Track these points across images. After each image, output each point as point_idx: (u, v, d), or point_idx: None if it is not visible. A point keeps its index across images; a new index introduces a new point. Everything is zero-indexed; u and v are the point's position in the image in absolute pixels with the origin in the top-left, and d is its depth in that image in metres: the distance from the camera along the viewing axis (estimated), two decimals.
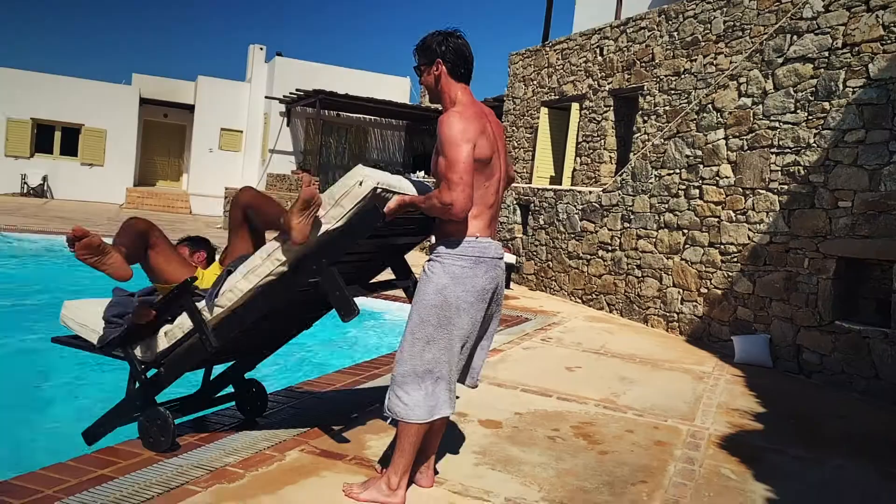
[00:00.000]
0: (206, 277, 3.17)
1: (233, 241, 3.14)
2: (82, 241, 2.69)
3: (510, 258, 9.81)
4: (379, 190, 2.67)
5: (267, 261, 2.81)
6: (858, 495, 3.30)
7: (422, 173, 16.10)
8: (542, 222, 9.75)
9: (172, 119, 22.56)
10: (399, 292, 3.42)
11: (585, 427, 3.88)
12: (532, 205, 10.05)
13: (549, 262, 9.52)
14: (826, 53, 5.83)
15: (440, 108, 2.73)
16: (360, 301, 2.85)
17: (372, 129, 21.24)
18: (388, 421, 2.70)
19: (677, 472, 3.32)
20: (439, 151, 2.50)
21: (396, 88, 21.35)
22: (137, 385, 3.10)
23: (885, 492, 3.38)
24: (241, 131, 21.88)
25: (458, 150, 2.43)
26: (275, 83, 20.20)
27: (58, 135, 20.36)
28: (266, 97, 20.79)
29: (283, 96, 19.63)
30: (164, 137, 22.78)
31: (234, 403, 3.65)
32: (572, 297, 8.99)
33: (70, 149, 20.50)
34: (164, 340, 3.08)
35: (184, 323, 3.01)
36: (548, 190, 9.79)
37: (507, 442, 3.52)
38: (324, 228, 2.71)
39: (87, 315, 3.29)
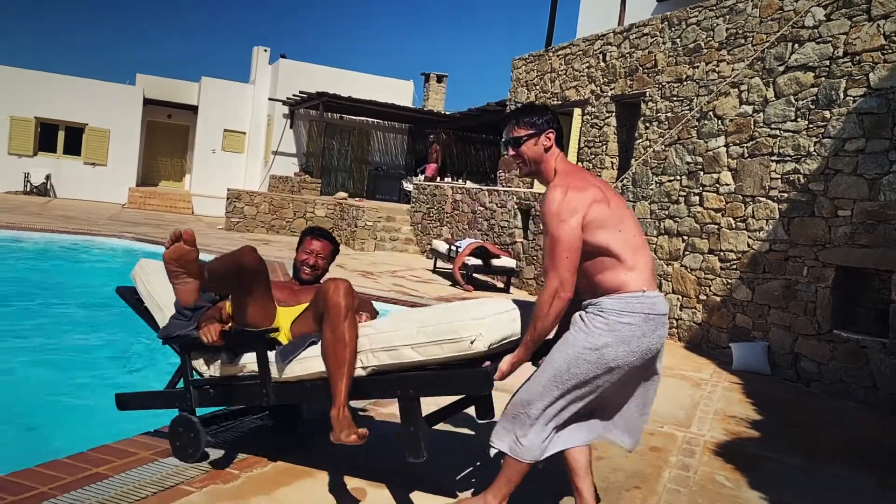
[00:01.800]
0: (282, 317, 3.00)
1: (247, 303, 2.85)
2: (180, 246, 2.59)
3: (510, 262, 9.82)
4: (487, 352, 2.45)
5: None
6: (852, 502, 3.30)
7: (422, 177, 16.12)
8: (542, 227, 9.74)
9: (176, 120, 22.59)
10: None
11: None
12: (533, 209, 10.05)
13: None
14: (827, 62, 5.84)
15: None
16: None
17: (375, 131, 21.26)
18: (494, 454, 2.52)
19: (672, 479, 3.32)
20: (544, 231, 2.39)
21: (400, 91, 21.37)
22: (183, 387, 3.00)
23: (881, 501, 3.38)
24: (245, 133, 21.90)
25: (563, 225, 2.30)
26: (278, 85, 20.23)
27: (61, 134, 20.39)
28: (269, 99, 20.82)
29: (287, 98, 19.67)
30: (168, 138, 22.81)
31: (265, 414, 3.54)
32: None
33: (73, 148, 20.53)
34: (223, 369, 2.95)
35: (248, 365, 2.87)
36: None
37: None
38: (414, 358, 2.50)
39: (160, 287, 3.19)
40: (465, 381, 2.50)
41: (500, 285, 10.27)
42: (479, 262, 9.55)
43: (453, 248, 10.17)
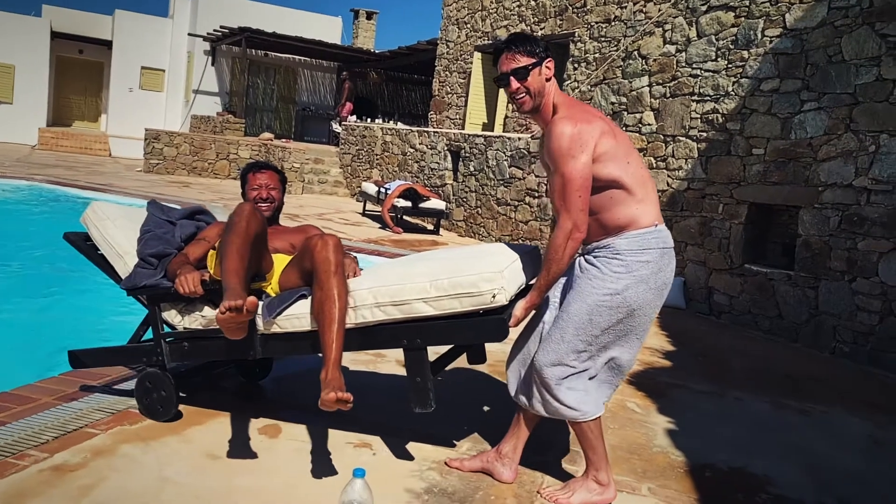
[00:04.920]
0: (275, 266, 2.79)
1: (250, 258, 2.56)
2: (239, 317, 2.30)
3: (440, 204, 9.80)
4: (507, 302, 2.38)
5: (350, 311, 2.49)
6: (750, 422, 3.49)
7: (353, 117, 15.76)
8: (472, 169, 9.73)
9: (88, 55, 21.20)
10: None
11: (502, 366, 3.94)
12: (463, 151, 10.00)
13: (479, 209, 9.55)
14: (747, 2, 5.92)
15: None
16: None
17: (302, 70, 20.53)
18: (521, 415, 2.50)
19: None
20: (552, 169, 2.27)
21: (328, 28, 20.61)
22: (152, 342, 2.77)
23: (775, 419, 3.60)
24: (164, 70, 20.79)
25: (573, 162, 2.20)
26: (198, 20, 19.20)
27: None
28: (189, 34, 19.76)
29: (207, 34, 18.71)
30: (80, 75, 21.42)
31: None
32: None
33: None
34: (202, 321, 2.70)
35: None
36: (478, 136, 9.74)
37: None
38: (427, 313, 2.41)
39: (117, 233, 2.91)
40: (481, 330, 2.43)
41: (430, 227, 10.26)
42: (408, 204, 9.49)
43: (382, 190, 10.05)
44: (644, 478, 2.72)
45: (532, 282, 2.62)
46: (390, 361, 3.79)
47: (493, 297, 2.33)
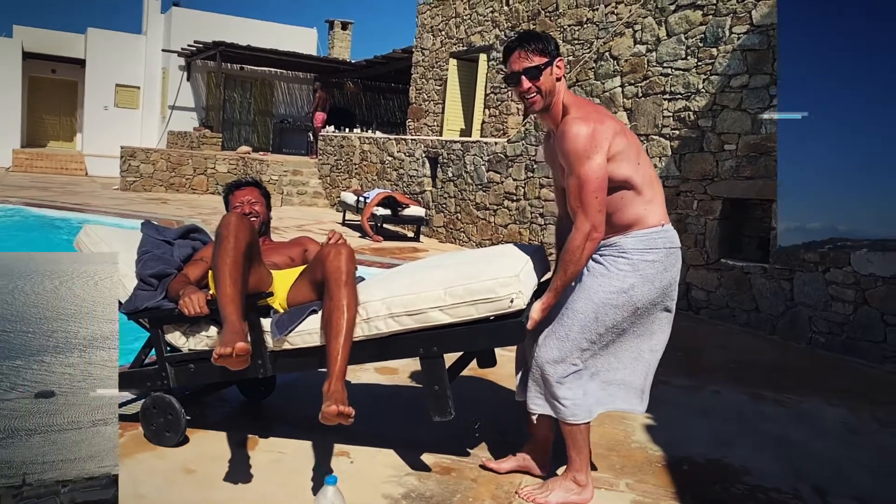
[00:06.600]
0: (280, 280, 2.75)
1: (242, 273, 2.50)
2: (235, 360, 2.26)
3: (419, 211, 9.80)
4: (525, 305, 2.37)
5: (363, 323, 2.46)
6: (727, 415, 3.53)
7: (331, 128, 15.75)
8: (450, 174, 9.76)
9: (62, 75, 21.05)
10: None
11: (486, 369, 3.95)
12: (441, 157, 10.03)
13: (458, 214, 9.57)
14: (714, 0, 5.99)
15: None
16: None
17: (278, 82, 20.51)
18: (535, 417, 2.48)
19: None
20: (567, 171, 2.26)
21: (303, 40, 20.61)
22: (156, 365, 2.72)
23: (751, 410, 3.63)
24: (139, 87, 20.67)
25: (589, 163, 2.19)
26: (172, 36, 19.13)
27: None
28: (163, 50, 19.69)
29: (182, 49, 18.65)
30: (54, 95, 21.25)
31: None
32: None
33: None
34: (207, 341, 2.66)
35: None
36: (456, 142, 9.78)
37: (403, 383, 3.55)
38: (443, 321, 2.39)
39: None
40: (499, 334, 2.42)
41: (411, 234, 10.26)
42: (388, 212, 9.49)
43: (361, 199, 10.05)
44: (622, 473, 2.73)
45: (542, 281, 2.63)
46: (368, 370, 3.78)
47: (512, 301, 2.32)
